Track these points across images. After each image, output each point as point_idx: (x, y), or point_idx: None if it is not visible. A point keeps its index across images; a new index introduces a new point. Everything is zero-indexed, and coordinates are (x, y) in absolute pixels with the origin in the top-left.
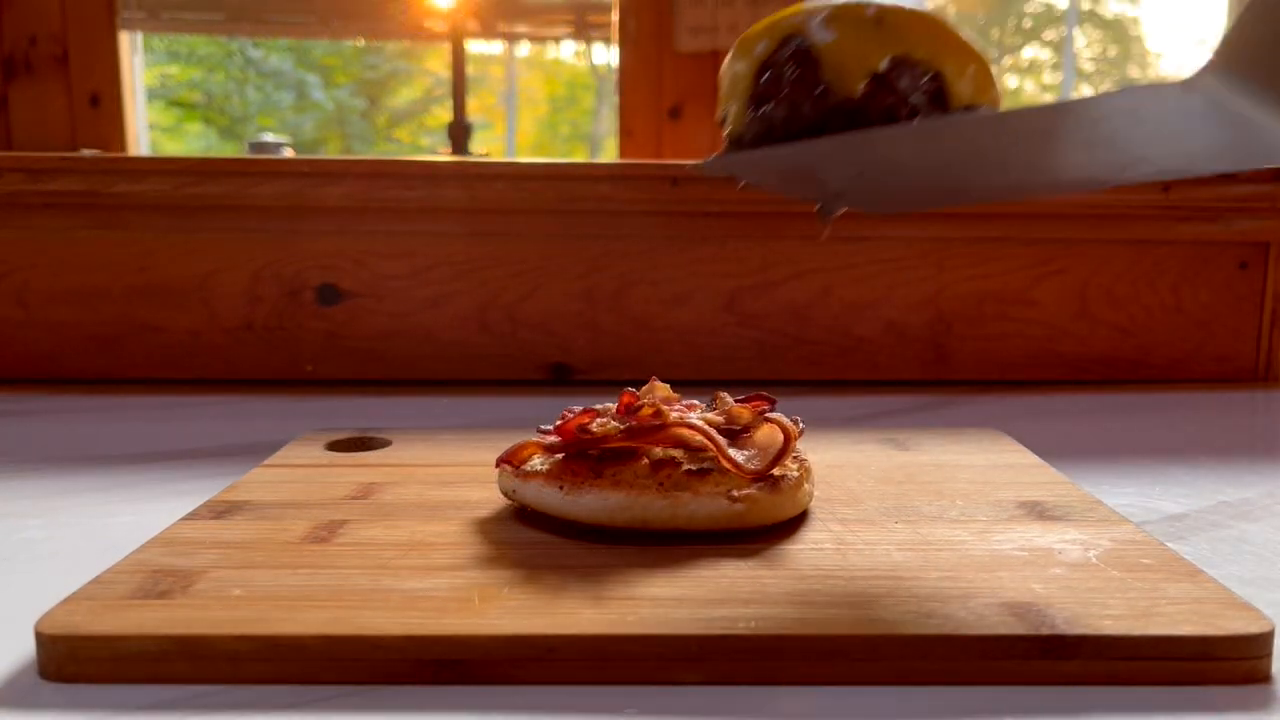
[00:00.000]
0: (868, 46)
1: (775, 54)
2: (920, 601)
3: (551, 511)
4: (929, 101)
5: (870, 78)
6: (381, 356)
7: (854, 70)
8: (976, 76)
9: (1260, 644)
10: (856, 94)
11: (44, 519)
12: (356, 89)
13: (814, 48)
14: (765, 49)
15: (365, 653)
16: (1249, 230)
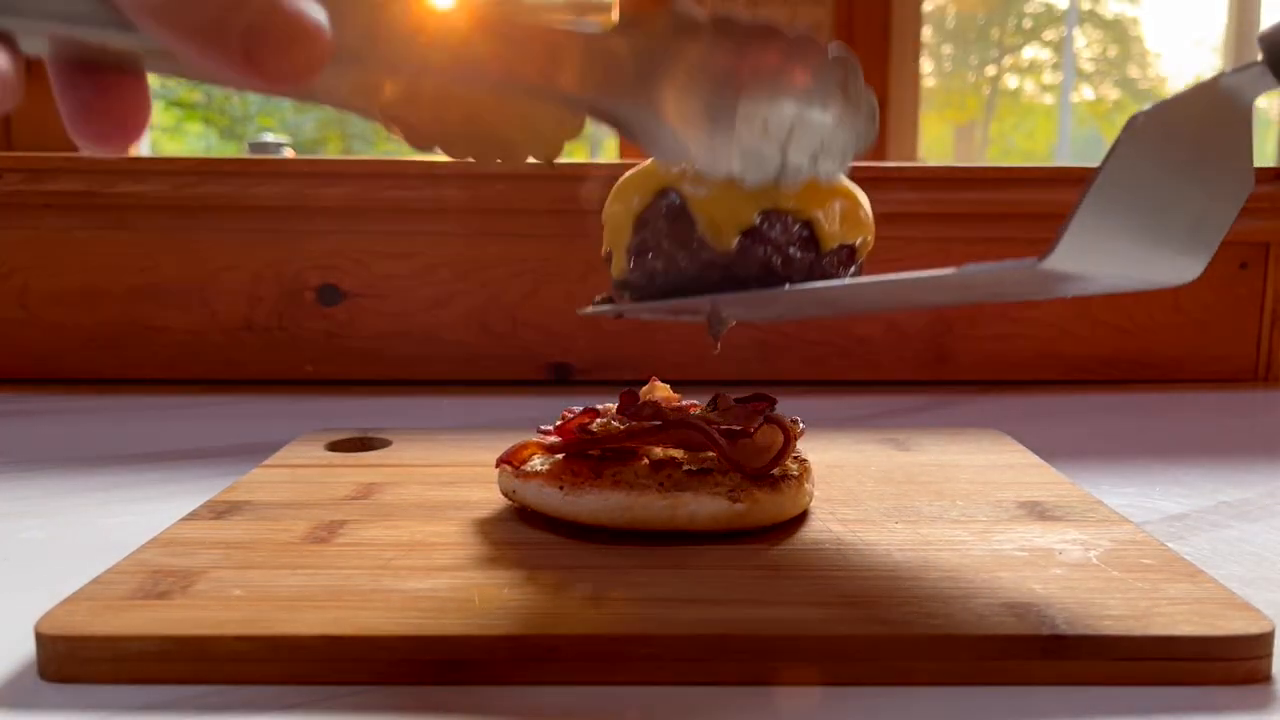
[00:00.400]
0: (738, 202)
1: (651, 207)
2: (920, 602)
3: (551, 512)
4: (801, 247)
5: (743, 232)
6: (381, 356)
7: (727, 226)
8: (846, 215)
9: (1260, 644)
10: (730, 249)
11: (44, 519)
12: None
13: (688, 203)
14: (640, 203)
15: (365, 653)
16: (1249, 230)
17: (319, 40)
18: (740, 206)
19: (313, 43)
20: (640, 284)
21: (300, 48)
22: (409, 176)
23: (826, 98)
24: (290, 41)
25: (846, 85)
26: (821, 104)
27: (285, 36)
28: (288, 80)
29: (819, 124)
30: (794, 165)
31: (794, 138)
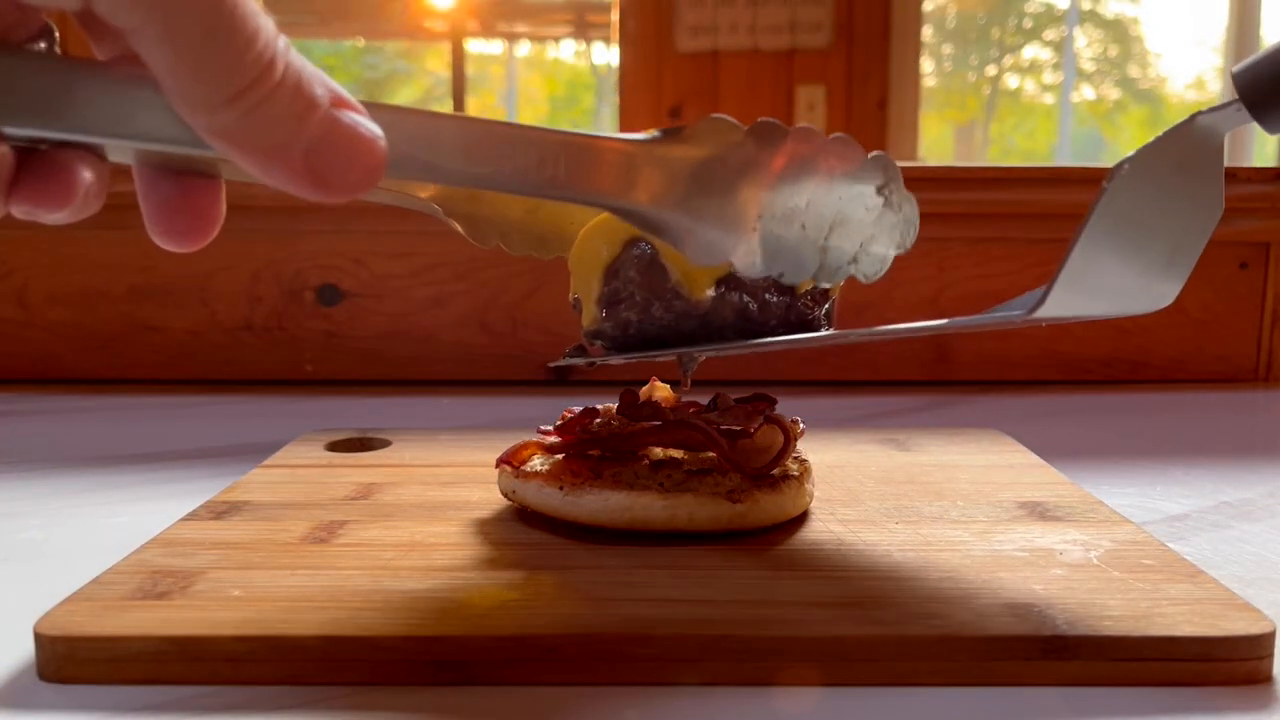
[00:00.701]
0: None
1: (621, 258)
2: (921, 602)
3: (551, 512)
4: (777, 291)
5: (717, 280)
6: (381, 356)
7: (702, 276)
8: None
9: (1261, 645)
10: (706, 298)
11: (44, 519)
12: (356, 89)
13: (660, 253)
14: (609, 253)
15: (365, 653)
16: (1249, 230)
17: (376, 154)
18: None
19: (370, 156)
20: (614, 334)
21: (359, 162)
22: None
23: (865, 197)
24: (349, 157)
25: (886, 184)
26: (860, 203)
27: (345, 153)
28: (349, 193)
29: (858, 224)
30: (833, 264)
31: (832, 237)
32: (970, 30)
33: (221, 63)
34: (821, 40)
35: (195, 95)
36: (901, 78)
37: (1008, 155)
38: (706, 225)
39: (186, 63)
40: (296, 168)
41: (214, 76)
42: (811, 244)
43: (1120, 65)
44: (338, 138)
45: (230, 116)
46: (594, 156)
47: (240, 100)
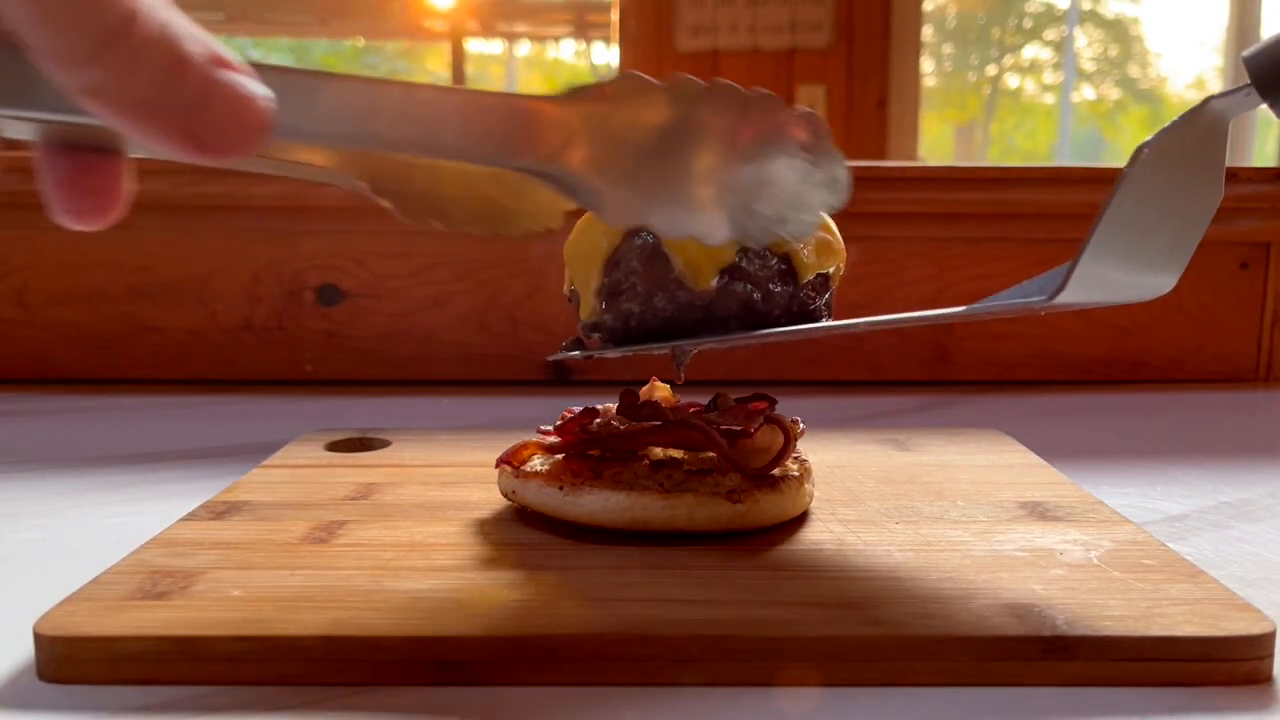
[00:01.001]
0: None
1: (622, 248)
2: (921, 602)
3: (551, 512)
4: (781, 281)
5: (721, 270)
6: (381, 356)
7: (706, 266)
8: (821, 245)
9: (1262, 645)
10: (710, 288)
11: (44, 519)
12: None
13: (662, 242)
14: (609, 243)
15: (365, 654)
16: (1249, 230)
17: (258, 113)
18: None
19: (251, 115)
20: (614, 326)
21: (239, 121)
22: None
23: (790, 156)
24: (229, 116)
25: (813, 143)
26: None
27: (224, 111)
28: (230, 154)
29: (783, 183)
30: (758, 226)
31: (758, 198)
32: (970, 30)
33: (78, 13)
34: (821, 40)
35: (57, 50)
36: (901, 78)
37: (1008, 155)
38: (622, 187)
39: (43, 16)
40: (172, 127)
41: (72, 29)
42: (735, 205)
43: (1120, 65)
44: (216, 96)
45: (96, 73)
46: (499, 116)
47: (104, 54)
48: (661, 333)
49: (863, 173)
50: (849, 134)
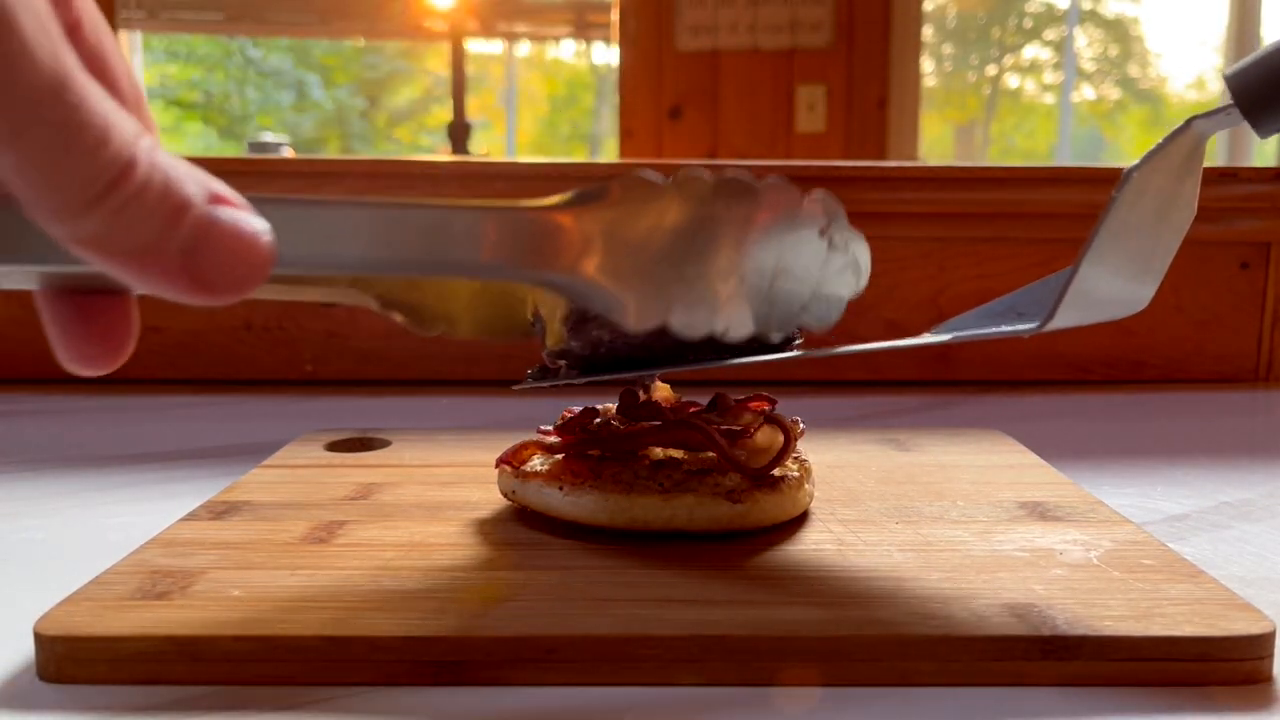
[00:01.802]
0: None
1: None
2: (921, 602)
3: (551, 512)
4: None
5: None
6: (381, 356)
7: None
8: None
9: (1262, 644)
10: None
11: (44, 519)
12: (356, 88)
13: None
14: None
15: (364, 654)
16: (1250, 230)
17: (260, 250)
18: None
19: (254, 252)
20: (581, 354)
21: (242, 259)
22: (408, 176)
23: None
24: (232, 255)
25: (829, 226)
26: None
27: (226, 251)
28: (234, 294)
29: (803, 271)
30: (780, 317)
31: (778, 288)
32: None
33: (73, 166)
34: (822, 40)
35: (52, 204)
36: (902, 77)
37: (1008, 155)
38: (638, 292)
39: (33, 171)
40: (173, 270)
41: (66, 182)
42: (755, 297)
43: (1120, 65)
44: (217, 236)
45: (93, 223)
46: (508, 230)
47: (100, 204)
48: (631, 359)
49: (863, 173)
50: (849, 134)
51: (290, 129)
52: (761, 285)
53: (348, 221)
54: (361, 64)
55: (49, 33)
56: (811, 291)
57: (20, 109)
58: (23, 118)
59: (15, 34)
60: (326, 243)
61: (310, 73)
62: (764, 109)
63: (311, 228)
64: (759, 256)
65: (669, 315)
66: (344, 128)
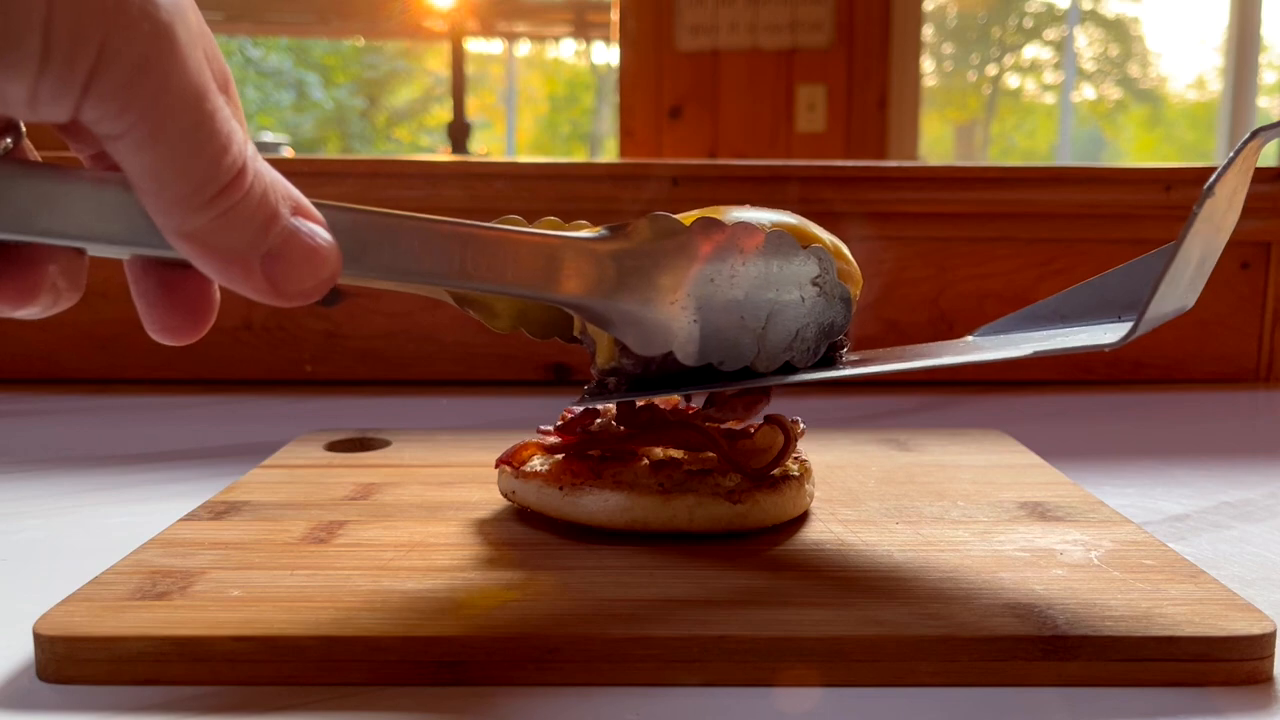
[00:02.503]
0: None
1: None
2: (921, 602)
3: (551, 512)
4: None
5: None
6: (381, 356)
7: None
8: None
9: (1262, 645)
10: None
11: (43, 519)
12: (356, 88)
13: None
14: None
15: (364, 654)
16: (1250, 230)
17: (330, 265)
18: None
19: (324, 267)
20: (633, 371)
21: (313, 273)
22: (408, 176)
23: (800, 291)
24: (305, 268)
25: (821, 278)
26: (796, 297)
27: (300, 263)
28: (301, 300)
29: (794, 315)
30: (769, 354)
31: (770, 327)
32: (971, 29)
33: (198, 168)
34: (822, 40)
35: (169, 199)
36: (902, 77)
37: (1008, 155)
38: (648, 317)
39: (165, 168)
40: (254, 274)
41: (190, 182)
42: (749, 334)
43: (1121, 65)
44: (295, 248)
45: (200, 221)
46: (533, 251)
47: (213, 205)
48: (682, 376)
49: (863, 173)
50: (849, 134)
51: (290, 129)
52: (756, 324)
53: (406, 236)
54: (361, 64)
55: (195, 44)
56: (797, 333)
57: (168, 115)
58: (167, 122)
59: (174, 46)
60: (387, 257)
61: (310, 72)
62: (764, 109)
63: (377, 242)
64: (759, 298)
65: (673, 342)
66: (344, 127)
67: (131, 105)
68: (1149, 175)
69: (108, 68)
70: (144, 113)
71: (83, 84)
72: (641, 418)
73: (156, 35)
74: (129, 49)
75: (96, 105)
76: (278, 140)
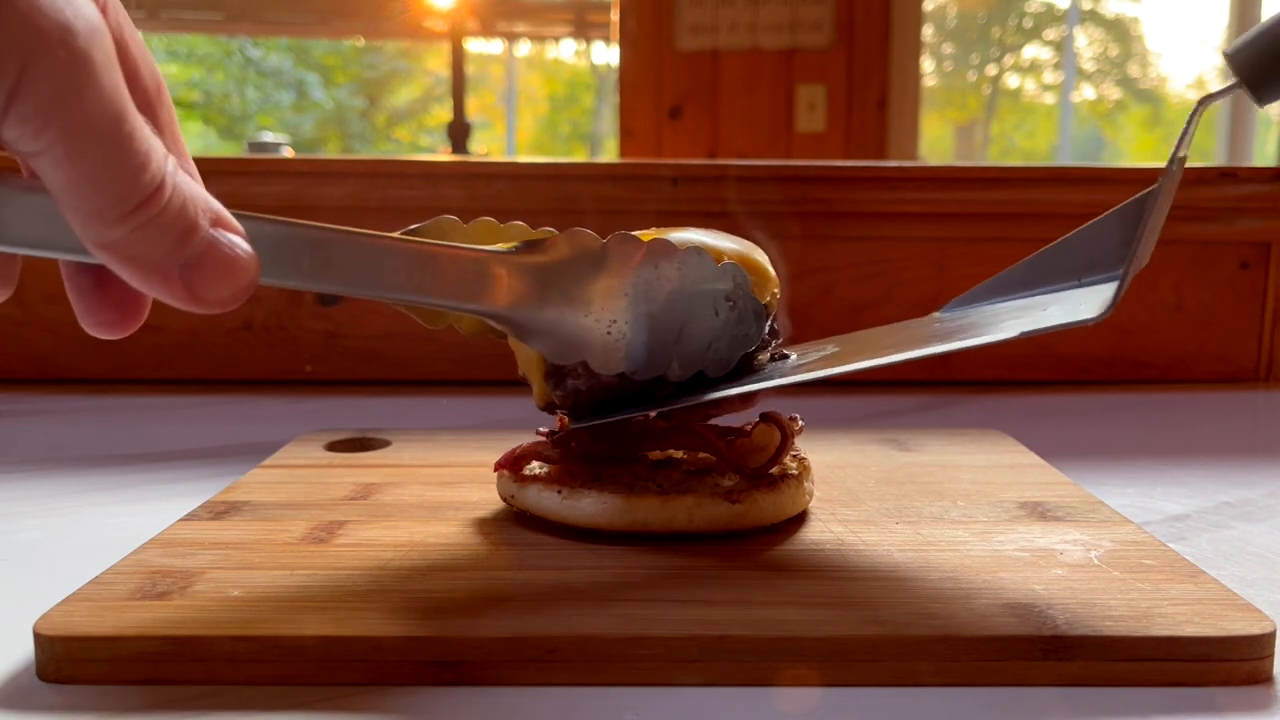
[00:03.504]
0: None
1: None
2: (921, 602)
3: (551, 516)
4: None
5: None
6: (381, 356)
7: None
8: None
9: (1262, 645)
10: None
11: (43, 519)
12: (356, 88)
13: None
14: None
15: (364, 654)
16: (1250, 230)
17: (248, 274)
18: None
19: (242, 276)
20: (566, 404)
21: (231, 281)
22: (408, 176)
23: (714, 305)
24: (223, 276)
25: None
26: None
27: (219, 272)
28: (220, 308)
29: (707, 328)
30: (681, 365)
31: (682, 339)
32: (971, 29)
33: (115, 184)
34: (822, 40)
35: (87, 213)
36: (902, 77)
37: (1008, 155)
38: (564, 329)
39: (83, 184)
40: (173, 283)
41: (106, 197)
42: (663, 345)
43: (1121, 65)
44: (213, 258)
45: (118, 233)
46: (453, 265)
47: (130, 219)
48: (620, 400)
49: (863, 173)
50: (849, 134)
51: (290, 129)
52: (670, 336)
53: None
54: (361, 64)
55: (114, 67)
56: (710, 345)
57: (84, 136)
58: (84, 142)
59: (90, 71)
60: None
61: (310, 72)
62: (764, 109)
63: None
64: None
65: (587, 352)
66: (344, 127)
67: (48, 128)
68: (1149, 175)
69: (25, 94)
70: (60, 134)
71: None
72: (632, 429)
73: (73, 61)
74: (46, 76)
75: (14, 128)
76: (278, 140)
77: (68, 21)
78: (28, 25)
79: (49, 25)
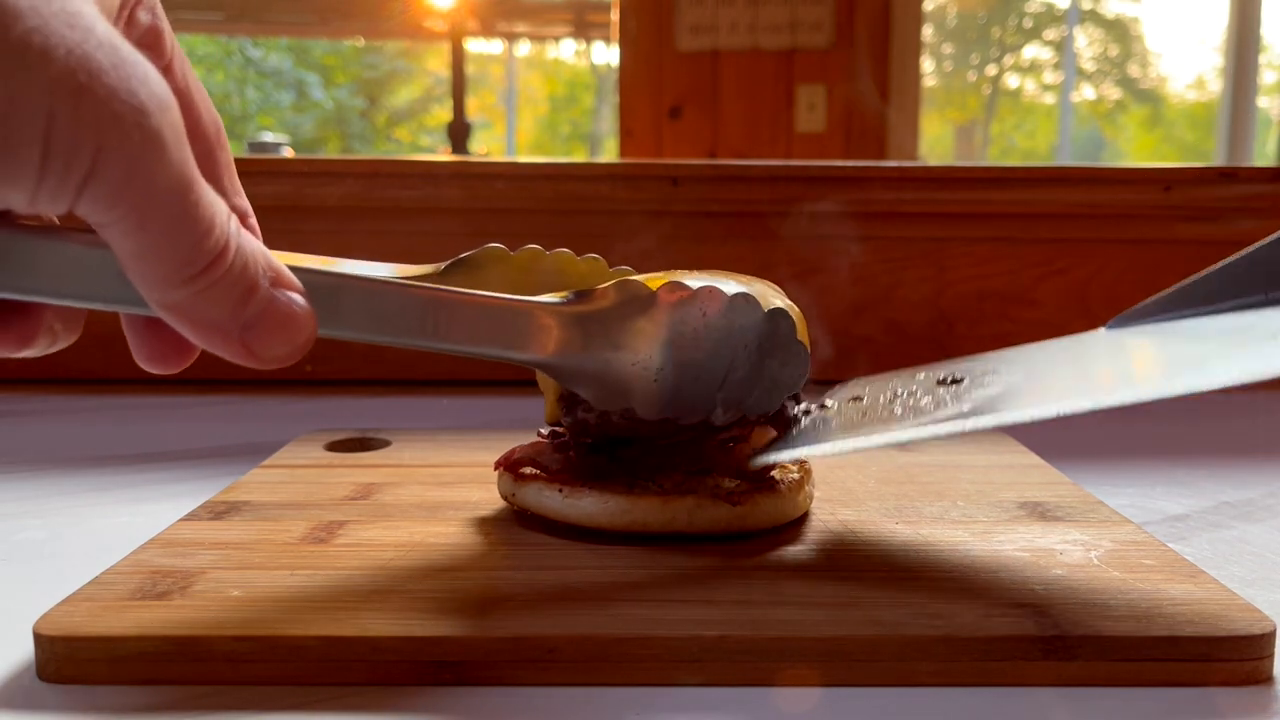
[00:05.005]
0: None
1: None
2: (921, 602)
3: (551, 515)
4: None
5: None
6: (381, 356)
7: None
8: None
9: (1262, 645)
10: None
11: (44, 519)
12: (356, 88)
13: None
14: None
15: (364, 654)
16: (1250, 230)
17: (305, 332)
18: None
19: (300, 334)
20: (572, 431)
21: (289, 340)
22: (408, 176)
23: (761, 350)
24: (282, 335)
25: (778, 335)
26: (756, 356)
27: (277, 330)
28: (276, 364)
29: (754, 373)
30: (725, 408)
31: (727, 384)
32: (970, 30)
33: (180, 251)
34: (822, 40)
35: (153, 277)
36: (902, 77)
37: (1008, 155)
38: (610, 376)
39: (149, 252)
40: (233, 342)
41: (172, 263)
42: (707, 390)
43: (1121, 65)
44: (272, 316)
45: (181, 295)
46: (502, 315)
47: (193, 282)
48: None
49: (863, 173)
50: (849, 134)
51: (290, 129)
52: (715, 381)
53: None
54: (361, 64)
55: (181, 140)
56: (754, 390)
57: (153, 208)
58: (153, 213)
59: (160, 148)
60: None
61: (310, 73)
62: (764, 109)
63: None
64: (719, 358)
65: (633, 399)
66: (344, 127)
67: (120, 203)
68: (1149, 175)
69: (101, 174)
70: (131, 208)
71: (77, 188)
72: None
73: (145, 141)
74: (120, 157)
75: (88, 204)
76: (278, 140)
77: (142, 104)
78: (105, 112)
79: (124, 109)
